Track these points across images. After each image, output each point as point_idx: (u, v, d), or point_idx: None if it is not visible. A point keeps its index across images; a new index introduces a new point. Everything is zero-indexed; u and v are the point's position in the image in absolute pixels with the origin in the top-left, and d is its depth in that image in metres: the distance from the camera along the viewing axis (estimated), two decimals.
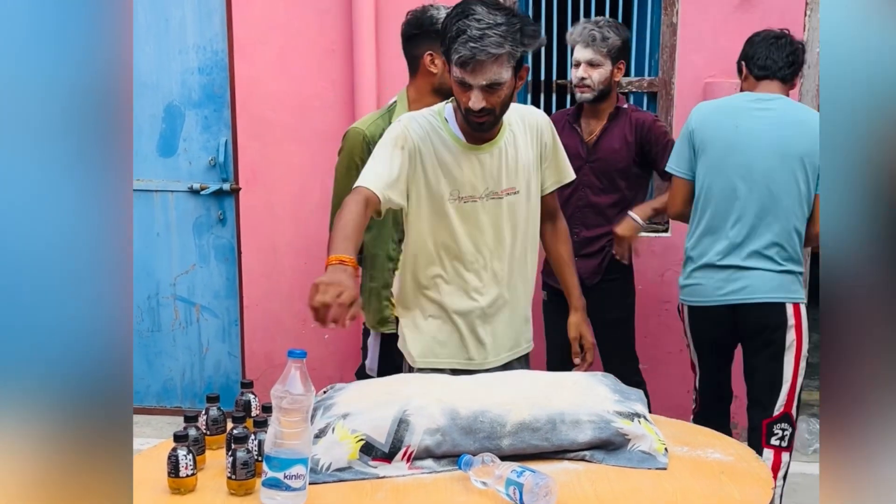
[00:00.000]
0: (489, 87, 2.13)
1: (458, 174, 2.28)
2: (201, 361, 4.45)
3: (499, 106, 2.18)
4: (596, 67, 3.21)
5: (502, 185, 2.32)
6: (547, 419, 1.93)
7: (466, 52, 2.07)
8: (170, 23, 4.14)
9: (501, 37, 2.07)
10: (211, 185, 4.24)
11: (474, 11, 2.09)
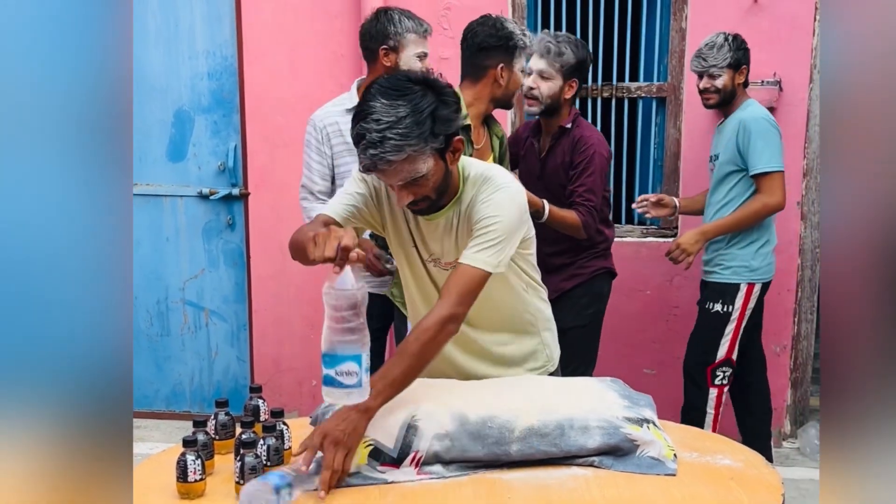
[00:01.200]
0: (409, 185, 1.93)
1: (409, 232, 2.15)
2: (210, 366, 4.46)
3: (432, 191, 1.97)
4: (546, 80, 3.12)
5: (449, 255, 2.11)
6: (556, 425, 1.92)
7: (367, 161, 1.87)
8: (179, 28, 4.15)
9: (404, 137, 1.84)
10: (220, 189, 4.25)
11: (373, 109, 1.85)
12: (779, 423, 4.16)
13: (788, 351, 4.08)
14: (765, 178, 3.31)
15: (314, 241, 1.75)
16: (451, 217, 2.08)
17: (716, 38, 3.40)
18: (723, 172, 3.41)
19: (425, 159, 1.90)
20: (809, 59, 3.84)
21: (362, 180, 2.13)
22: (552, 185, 3.19)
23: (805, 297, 4.05)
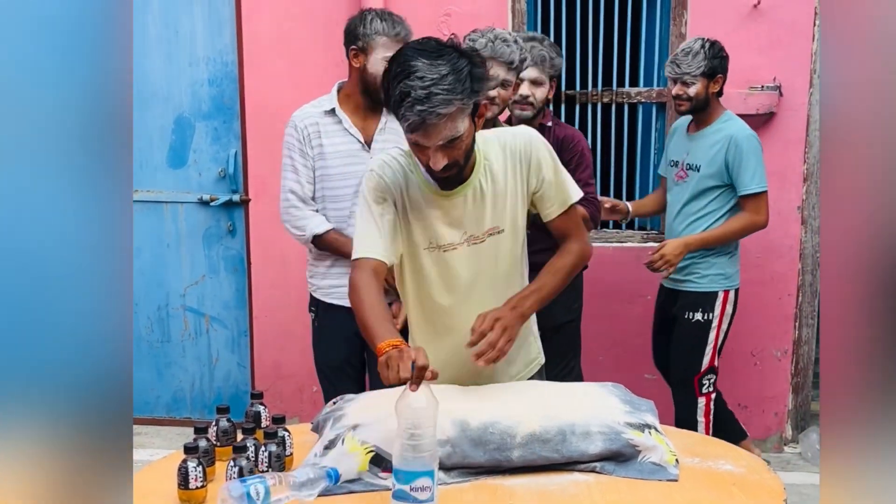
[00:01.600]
0: (447, 144, 1.95)
1: (432, 223, 2.13)
2: (211, 372, 4.46)
3: (462, 157, 2.01)
4: (539, 86, 3.19)
5: (484, 226, 2.14)
6: (557, 430, 1.92)
7: (415, 118, 1.88)
8: (180, 35, 4.16)
9: (449, 91, 1.87)
10: (221, 196, 4.25)
11: (416, 68, 1.88)
12: (780, 428, 4.16)
13: (789, 356, 4.09)
14: (754, 198, 3.35)
15: (387, 364, 1.78)
16: (477, 184, 2.13)
17: (692, 45, 3.36)
18: (704, 185, 3.39)
19: (463, 118, 1.96)
20: (809, 64, 3.85)
21: (383, 200, 2.10)
22: None
23: (806, 302, 4.05)
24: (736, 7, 3.83)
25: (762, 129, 3.87)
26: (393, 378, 1.76)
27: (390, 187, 2.11)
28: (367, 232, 2.09)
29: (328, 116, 2.96)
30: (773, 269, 4.01)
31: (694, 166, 3.42)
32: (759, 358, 4.10)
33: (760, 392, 4.14)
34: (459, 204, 2.12)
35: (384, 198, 2.10)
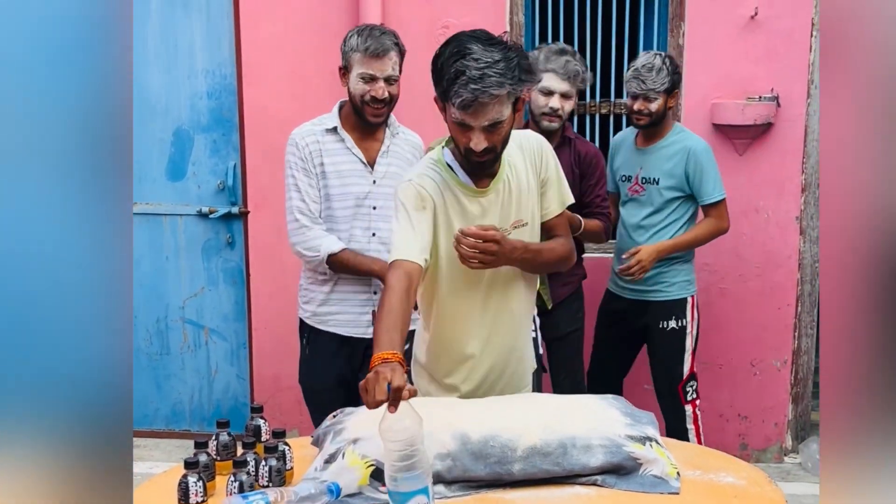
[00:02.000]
0: (490, 127, 2.06)
1: (470, 222, 2.19)
2: (210, 384, 4.45)
3: (500, 143, 2.11)
4: (568, 99, 3.25)
5: (510, 219, 2.24)
6: (558, 444, 1.92)
7: (468, 95, 1.98)
8: (179, 48, 4.17)
9: (501, 75, 1.99)
10: (220, 208, 4.25)
11: (471, 50, 2.00)
12: (780, 439, 4.16)
13: (789, 366, 4.09)
14: (716, 206, 3.46)
15: (365, 388, 1.78)
16: (505, 179, 2.23)
17: (654, 60, 3.36)
18: (665, 197, 3.43)
19: (508, 105, 2.06)
20: (806, 75, 3.86)
21: (423, 208, 2.16)
22: None
23: (805, 312, 4.06)
24: (733, 18, 3.84)
25: (760, 139, 3.89)
26: (371, 403, 1.76)
27: (430, 195, 2.18)
28: (404, 234, 2.14)
29: (330, 135, 2.90)
30: (772, 280, 4.02)
31: (651, 179, 3.45)
32: (758, 368, 4.10)
33: (760, 402, 4.13)
34: (493, 199, 2.23)
35: (423, 206, 2.17)
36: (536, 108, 3.26)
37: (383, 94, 2.77)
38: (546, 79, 3.21)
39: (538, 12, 4.02)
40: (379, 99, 2.77)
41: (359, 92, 2.79)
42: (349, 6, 3.95)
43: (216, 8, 4.13)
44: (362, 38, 2.78)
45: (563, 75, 3.21)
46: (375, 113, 2.81)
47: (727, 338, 4.09)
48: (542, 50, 3.28)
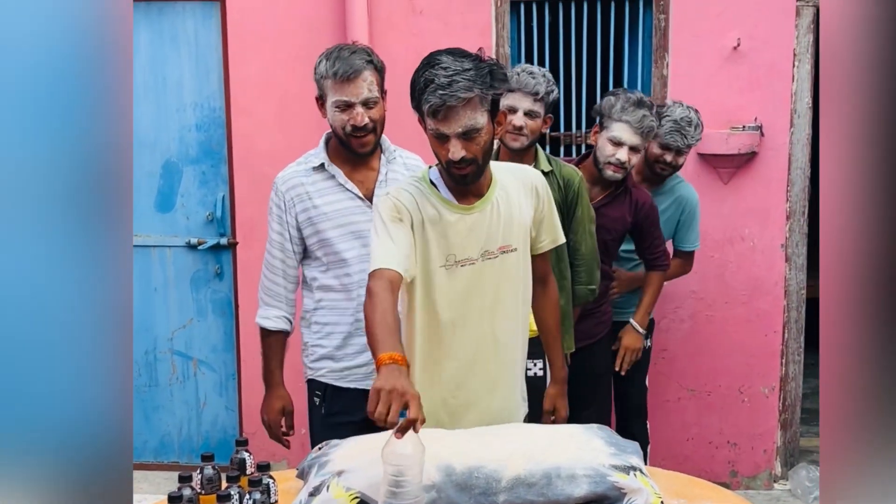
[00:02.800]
0: (466, 135, 2.08)
1: (452, 238, 2.21)
2: (199, 416, 4.44)
3: (480, 154, 2.12)
4: (636, 153, 3.13)
5: (497, 242, 2.26)
6: (542, 474, 1.92)
7: (436, 100, 2.03)
8: (168, 82, 4.20)
9: (470, 80, 2.03)
10: (208, 239, 4.26)
11: (440, 61, 2.06)
12: (769, 465, 4.16)
13: (777, 392, 4.10)
14: (690, 253, 3.58)
15: (378, 396, 1.78)
16: (494, 201, 2.25)
17: (691, 115, 3.35)
18: None
19: (483, 112, 2.09)
20: (789, 105, 3.91)
21: (399, 220, 2.17)
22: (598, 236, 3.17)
23: (791, 339, 4.07)
24: (717, 49, 3.89)
25: (744, 168, 3.93)
26: (380, 418, 1.76)
27: (406, 208, 2.19)
28: (383, 245, 2.14)
29: (317, 173, 2.63)
30: (758, 307, 4.04)
31: None
32: (746, 395, 4.11)
33: (749, 429, 4.14)
34: (478, 218, 2.23)
35: (400, 217, 2.17)
36: (602, 157, 3.13)
37: (363, 120, 2.49)
38: (617, 129, 3.08)
39: (524, 43, 4.06)
40: (359, 127, 2.50)
41: (337, 123, 2.53)
42: (336, 39, 3.98)
43: (204, 41, 4.16)
44: (330, 62, 2.51)
45: (636, 129, 3.06)
46: (361, 143, 2.55)
47: (715, 365, 4.10)
48: (618, 97, 3.13)
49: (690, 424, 4.16)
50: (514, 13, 4.02)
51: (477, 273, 2.26)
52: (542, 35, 4.06)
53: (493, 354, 2.33)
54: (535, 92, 3.02)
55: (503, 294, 2.30)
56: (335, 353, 2.67)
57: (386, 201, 2.20)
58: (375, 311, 2.01)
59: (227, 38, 4.10)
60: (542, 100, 3.04)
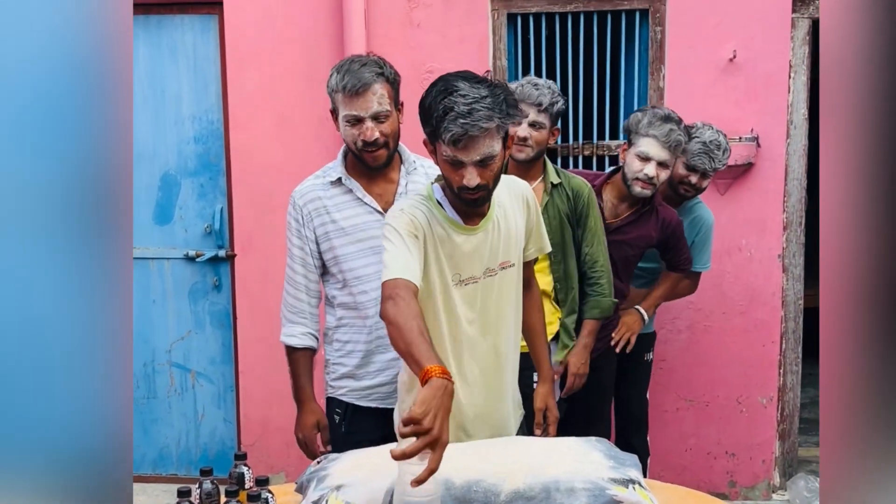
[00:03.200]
0: (482, 163, 2.08)
1: (458, 258, 2.22)
2: (197, 428, 4.44)
3: (492, 180, 2.14)
4: (665, 169, 3.09)
5: (498, 259, 2.28)
6: (541, 488, 1.92)
7: (458, 129, 2.02)
8: (166, 95, 4.21)
9: (490, 110, 2.03)
10: (206, 251, 4.27)
11: (458, 87, 2.04)
12: (768, 476, 4.16)
13: (775, 403, 4.10)
14: (699, 274, 3.58)
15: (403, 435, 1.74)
16: (495, 219, 2.27)
17: (719, 138, 3.33)
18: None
19: (499, 139, 2.10)
20: (786, 116, 3.92)
21: (415, 237, 2.16)
22: (621, 254, 3.20)
23: (789, 349, 4.08)
24: (713, 61, 3.91)
25: (741, 179, 3.94)
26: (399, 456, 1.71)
27: (421, 226, 2.18)
28: (401, 255, 2.12)
29: (335, 187, 2.58)
30: (755, 317, 4.05)
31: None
32: (744, 405, 4.12)
33: (747, 439, 4.14)
34: (483, 238, 2.24)
35: (416, 234, 2.17)
36: (630, 173, 3.09)
37: (372, 135, 2.45)
38: (645, 144, 3.06)
39: (521, 56, 4.08)
40: (370, 142, 2.45)
41: (349, 138, 2.50)
42: (334, 52, 4.00)
43: (203, 54, 4.18)
44: (340, 76, 2.45)
45: (664, 143, 3.04)
46: (373, 157, 2.50)
47: (713, 375, 4.11)
48: (645, 113, 3.12)
49: (689, 435, 4.17)
50: (511, 26, 4.04)
51: (480, 290, 2.27)
52: (539, 48, 4.07)
53: (495, 367, 2.35)
54: (539, 103, 3.03)
55: (503, 308, 2.32)
56: (356, 372, 2.64)
57: (401, 216, 2.18)
58: (409, 317, 1.97)
59: (225, 51, 4.12)
60: (547, 111, 3.04)
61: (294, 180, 4.08)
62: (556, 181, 3.02)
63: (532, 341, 2.58)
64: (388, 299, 2.03)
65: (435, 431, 1.73)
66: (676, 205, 3.45)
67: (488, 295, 2.28)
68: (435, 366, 1.84)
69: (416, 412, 1.73)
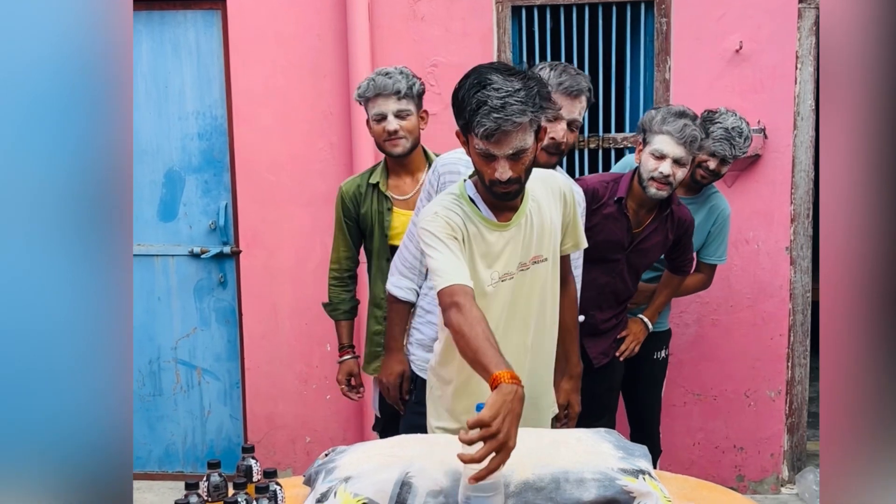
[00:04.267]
0: (514, 156, 2.08)
1: (493, 256, 2.22)
2: (203, 425, 4.43)
3: (524, 174, 2.14)
4: (682, 167, 2.95)
5: (531, 253, 2.27)
6: (551, 478, 1.91)
7: (491, 124, 2.02)
8: (169, 90, 4.20)
9: (523, 104, 2.03)
10: (211, 248, 4.26)
11: (491, 80, 2.04)
12: (776, 469, 4.14)
13: (783, 396, 4.08)
14: (713, 266, 3.53)
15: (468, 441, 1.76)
16: (528, 213, 2.26)
17: (742, 125, 3.28)
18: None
19: (531, 132, 2.10)
20: (792, 107, 3.90)
21: (454, 238, 2.15)
22: (644, 260, 3.17)
23: (797, 342, 4.06)
24: (719, 52, 3.89)
25: (748, 171, 3.92)
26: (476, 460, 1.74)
27: (458, 227, 2.18)
28: (451, 261, 2.11)
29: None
30: (763, 310, 4.03)
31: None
32: (752, 399, 4.10)
33: (756, 433, 4.12)
34: (515, 233, 2.24)
35: (455, 236, 2.16)
36: (645, 172, 2.96)
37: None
38: (659, 141, 2.93)
39: (525, 50, 4.06)
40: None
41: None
42: (338, 47, 3.99)
43: (206, 50, 4.17)
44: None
45: (678, 139, 2.89)
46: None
47: (720, 369, 4.09)
48: (659, 110, 3.02)
49: (696, 429, 4.15)
50: (516, 18, 4.03)
51: (514, 286, 2.26)
52: (544, 40, 4.06)
53: (526, 364, 2.34)
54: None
55: (535, 303, 2.31)
56: (432, 346, 2.62)
57: (438, 220, 2.17)
58: (473, 323, 1.99)
59: (228, 47, 4.10)
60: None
61: (298, 176, 4.10)
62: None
63: (562, 337, 2.55)
64: (450, 307, 2.05)
65: (501, 436, 1.75)
66: (694, 192, 3.43)
67: (521, 290, 2.28)
68: (504, 371, 1.85)
69: (486, 415, 1.75)
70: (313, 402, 4.20)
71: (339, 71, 3.99)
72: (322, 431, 4.24)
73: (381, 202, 3.03)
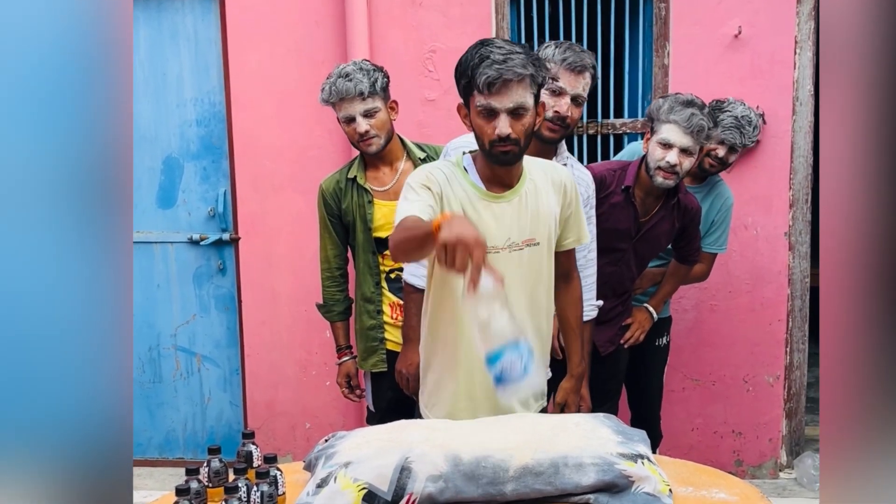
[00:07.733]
0: (515, 112, 2.13)
1: (478, 225, 2.15)
2: (203, 411, 4.44)
3: (523, 135, 2.16)
4: (689, 156, 2.90)
5: (524, 234, 2.27)
6: (550, 463, 1.92)
7: (493, 73, 2.08)
8: (168, 77, 4.19)
9: (524, 58, 2.11)
10: (210, 235, 4.26)
11: (493, 41, 2.15)
12: (775, 454, 4.16)
13: (782, 381, 4.09)
14: (713, 256, 3.52)
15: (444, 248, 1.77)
16: (523, 193, 2.27)
17: (750, 114, 3.28)
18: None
19: (531, 94, 2.15)
20: (791, 92, 3.89)
21: (427, 188, 2.19)
22: (651, 250, 3.17)
23: (796, 327, 4.07)
24: (717, 38, 3.88)
25: (747, 157, 3.92)
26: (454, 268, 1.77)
27: (437, 181, 2.21)
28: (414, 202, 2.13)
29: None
30: (762, 296, 4.03)
31: None
32: (751, 384, 4.11)
33: (754, 418, 4.14)
34: (505, 209, 2.25)
35: (428, 186, 2.19)
36: (652, 162, 2.92)
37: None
38: (666, 130, 2.88)
39: (523, 35, 4.05)
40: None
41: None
42: (336, 33, 3.98)
43: (204, 37, 4.16)
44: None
45: (685, 128, 2.85)
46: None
47: (719, 354, 4.09)
48: (667, 99, 2.96)
49: (695, 414, 4.16)
50: (514, 5, 4.01)
51: (500, 263, 2.22)
52: (543, 26, 4.04)
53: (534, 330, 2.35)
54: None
55: (525, 286, 2.30)
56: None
57: (419, 172, 2.25)
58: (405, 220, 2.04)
59: (226, 33, 4.09)
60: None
61: (297, 162, 4.10)
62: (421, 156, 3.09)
63: (566, 334, 2.57)
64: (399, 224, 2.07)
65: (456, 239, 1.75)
66: (701, 180, 3.42)
67: (509, 269, 2.23)
68: (434, 219, 1.87)
69: (442, 238, 1.77)
70: (313, 388, 4.21)
71: (337, 57, 3.98)
72: (322, 417, 4.25)
73: (361, 196, 3.02)
